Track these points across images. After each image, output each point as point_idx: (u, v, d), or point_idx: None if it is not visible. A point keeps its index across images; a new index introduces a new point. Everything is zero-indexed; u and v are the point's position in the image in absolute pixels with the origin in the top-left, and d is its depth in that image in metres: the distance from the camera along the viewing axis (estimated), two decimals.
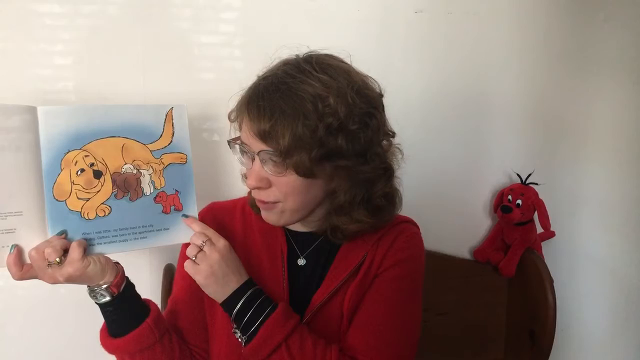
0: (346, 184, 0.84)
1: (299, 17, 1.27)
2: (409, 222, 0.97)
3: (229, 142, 0.88)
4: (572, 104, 1.49)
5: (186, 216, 0.86)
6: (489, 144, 1.46)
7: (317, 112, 0.78)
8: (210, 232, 0.84)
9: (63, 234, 0.79)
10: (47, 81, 1.16)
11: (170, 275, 1.20)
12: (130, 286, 0.84)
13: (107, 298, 0.81)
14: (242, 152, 0.85)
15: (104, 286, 0.80)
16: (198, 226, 0.84)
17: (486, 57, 1.42)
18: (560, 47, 1.46)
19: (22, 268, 0.77)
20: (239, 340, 0.85)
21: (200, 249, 0.82)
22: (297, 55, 0.86)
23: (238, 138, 0.86)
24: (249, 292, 0.83)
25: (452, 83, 1.40)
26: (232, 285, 0.83)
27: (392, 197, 0.90)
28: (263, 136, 0.79)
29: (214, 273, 0.81)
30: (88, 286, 0.81)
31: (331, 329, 0.89)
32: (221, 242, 0.83)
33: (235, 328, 0.85)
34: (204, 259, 0.81)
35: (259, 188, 0.83)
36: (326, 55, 0.86)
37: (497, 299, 1.46)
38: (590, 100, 1.49)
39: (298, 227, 0.94)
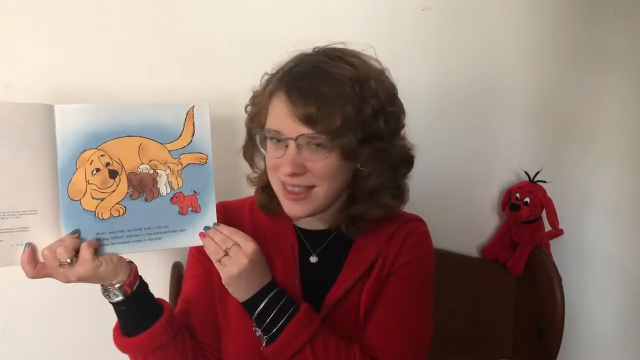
0: (379, 167, 0.85)
1: (306, 15, 1.27)
2: (419, 221, 0.98)
3: (255, 131, 0.86)
4: (580, 101, 1.48)
5: (217, 224, 0.85)
6: (496, 142, 1.45)
7: (358, 94, 0.80)
8: (239, 237, 0.82)
9: (76, 233, 0.79)
10: (56, 80, 1.16)
11: (178, 273, 1.20)
12: (143, 285, 0.84)
13: (120, 297, 0.81)
14: (270, 141, 0.84)
15: (117, 285, 0.80)
16: (227, 230, 0.83)
17: (494, 54, 1.41)
18: (569, 44, 1.45)
19: (36, 266, 0.78)
20: (260, 338, 0.84)
21: (226, 253, 0.81)
22: (315, 48, 0.87)
23: (263, 127, 0.85)
24: (271, 294, 0.83)
25: (460, 80, 1.39)
26: (255, 287, 0.82)
27: (403, 187, 0.93)
28: (309, 119, 0.79)
29: (240, 276, 0.80)
30: (101, 285, 0.81)
31: (346, 326, 0.89)
32: (251, 247, 0.81)
33: (256, 327, 0.84)
34: (229, 262, 0.80)
35: (294, 174, 0.82)
36: (346, 47, 0.88)
37: (504, 297, 1.46)
38: (598, 97, 1.49)
39: (310, 225, 0.94)
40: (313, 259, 0.94)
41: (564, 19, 1.43)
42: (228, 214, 0.95)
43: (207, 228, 0.84)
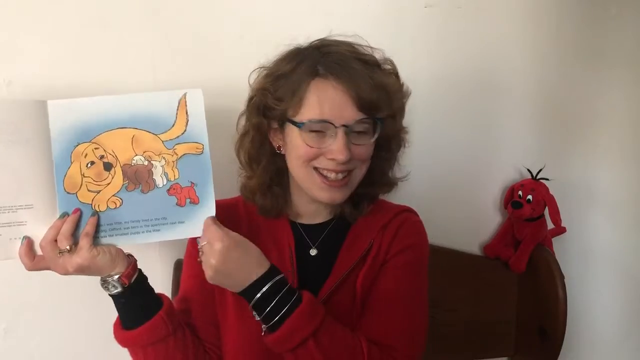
0: (394, 147, 0.92)
1: (308, 12, 1.27)
2: (411, 211, 0.99)
3: (300, 124, 0.83)
4: (583, 99, 1.47)
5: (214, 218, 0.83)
6: (499, 140, 1.45)
7: (393, 76, 0.87)
8: (211, 234, 0.81)
9: (65, 216, 0.79)
10: (58, 78, 1.16)
11: (181, 270, 1.20)
12: (142, 279, 0.85)
13: (119, 289, 0.81)
14: (312, 132, 0.83)
15: (115, 277, 0.80)
16: (205, 224, 0.82)
17: (496, 51, 1.40)
18: (571, 42, 1.44)
19: (34, 258, 0.79)
20: (260, 324, 0.83)
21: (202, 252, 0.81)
22: (315, 41, 0.89)
23: (287, 119, 0.85)
24: (268, 284, 0.81)
25: (462, 78, 1.39)
26: (243, 281, 0.81)
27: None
28: (370, 105, 0.82)
29: (214, 277, 0.80)
30: (100, 277, 0.81)
31: (343, 315, 0.89)
32: (216, 247, 0.79)
33: (255, 313, 0.83)
34: (203, 262, 0.81)
35: (349, 161, 0.84)
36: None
37: (507, 295, 1.45)
38: (601, 94, 1.48)
39: (310, 220, 0.96)
40: (313, 252, 0.95)
41: (566, 16, 1.43)
42: (221, 213, 0.93)
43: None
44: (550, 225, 1.43)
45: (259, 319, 0.83)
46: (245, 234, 0.92)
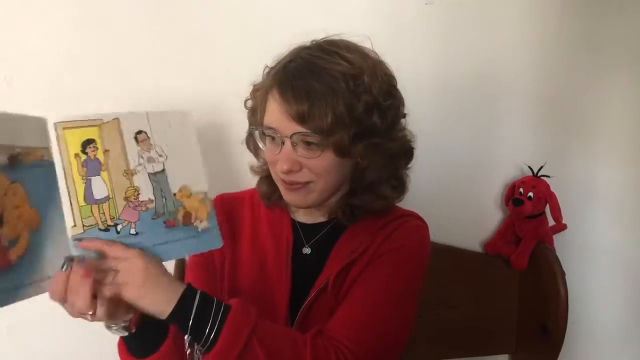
0: (376, 162, 0.85)
1: (308, 10, 1.27)
2: (413, 216, 0.97)
3: (252, 128, 0.87)
4: (584, 96, 1.47)
5: None
6: (500, 137, 1.45)
7: (352, 90, 0.80)
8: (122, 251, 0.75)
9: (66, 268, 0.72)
10: (56, 75, 1.16)
11: (181, 270, 1.21)
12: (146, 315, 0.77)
13: (124, 333, 0.77)
14: (267, 137, 0.84)
15: (123, 325, 0.76)
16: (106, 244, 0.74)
17: (497, 48, 1.40)
18: (574, 38, 1.43)
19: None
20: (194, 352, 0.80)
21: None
22: (314, 40, 0.87)
23: (261, 124, 0.85)
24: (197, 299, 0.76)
25: (463, 75, 1.39)
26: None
27: (403, 178, 0.93)
28: (301, 118, 0.79)
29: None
30: (104, 323, 0.76)
31: (329, 316, 0.87)
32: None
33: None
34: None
35: (290, 171, 0.82)
36: (343, 39, 0.87)
37: (508, 292, 1.45)
38: (603, 91, 1.47)
39: (308, 218, 0.95)
40: (306, 250, 0.94)
41: (568, 13, 1.42)
42: (228, 205, 0.97)
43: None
44: (551, 222, 1.43)
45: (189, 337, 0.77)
46: (248, 226, 0.95)
